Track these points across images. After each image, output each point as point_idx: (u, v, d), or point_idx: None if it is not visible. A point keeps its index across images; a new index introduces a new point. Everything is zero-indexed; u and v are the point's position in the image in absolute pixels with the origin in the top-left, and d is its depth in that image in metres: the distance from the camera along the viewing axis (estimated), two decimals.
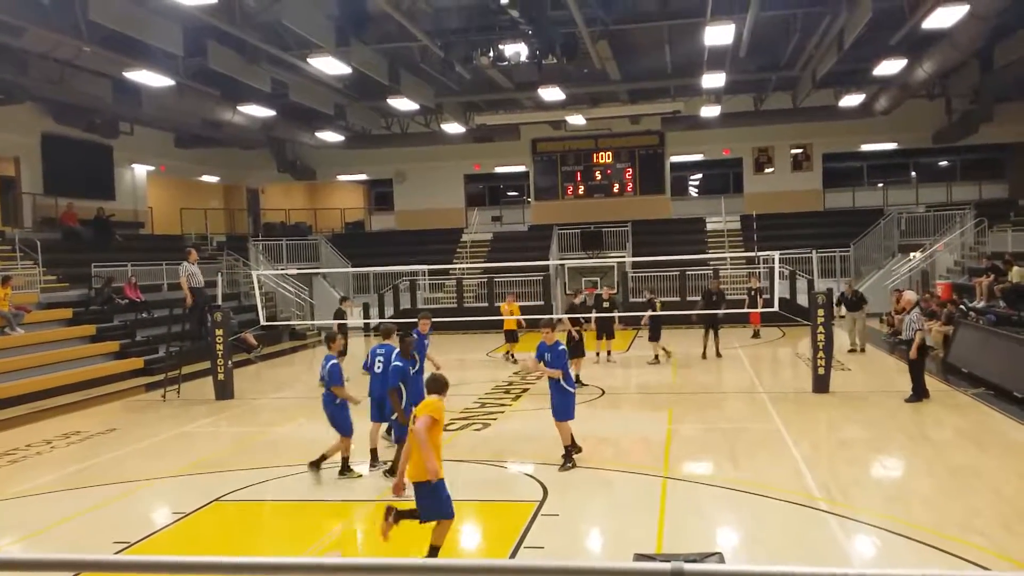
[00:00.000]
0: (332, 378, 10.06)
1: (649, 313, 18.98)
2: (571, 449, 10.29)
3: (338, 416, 10.19)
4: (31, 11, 15.48)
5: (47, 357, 18.05)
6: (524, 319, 20.22)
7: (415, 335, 11.15)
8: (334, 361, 10.19)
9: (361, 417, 10.72)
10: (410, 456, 7.05)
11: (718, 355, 19.29)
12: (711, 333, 19.44)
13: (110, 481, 10.56)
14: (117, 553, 7.74)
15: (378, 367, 10.40)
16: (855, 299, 19.93)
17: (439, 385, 7.22)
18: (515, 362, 19.63)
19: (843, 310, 20.38)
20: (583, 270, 29.51)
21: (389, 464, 10.11)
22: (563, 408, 10.25)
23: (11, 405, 15.87)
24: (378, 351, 10.53)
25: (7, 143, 24.30)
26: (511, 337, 20.78)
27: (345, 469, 10.24)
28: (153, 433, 13.62)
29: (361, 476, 10.28)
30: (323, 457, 10.29)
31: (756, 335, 22.73)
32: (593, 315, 18.18)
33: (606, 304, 19.06)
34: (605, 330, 19.23)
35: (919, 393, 13.65)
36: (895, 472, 10.34)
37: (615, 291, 20.86)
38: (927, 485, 9.30)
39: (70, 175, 26.03)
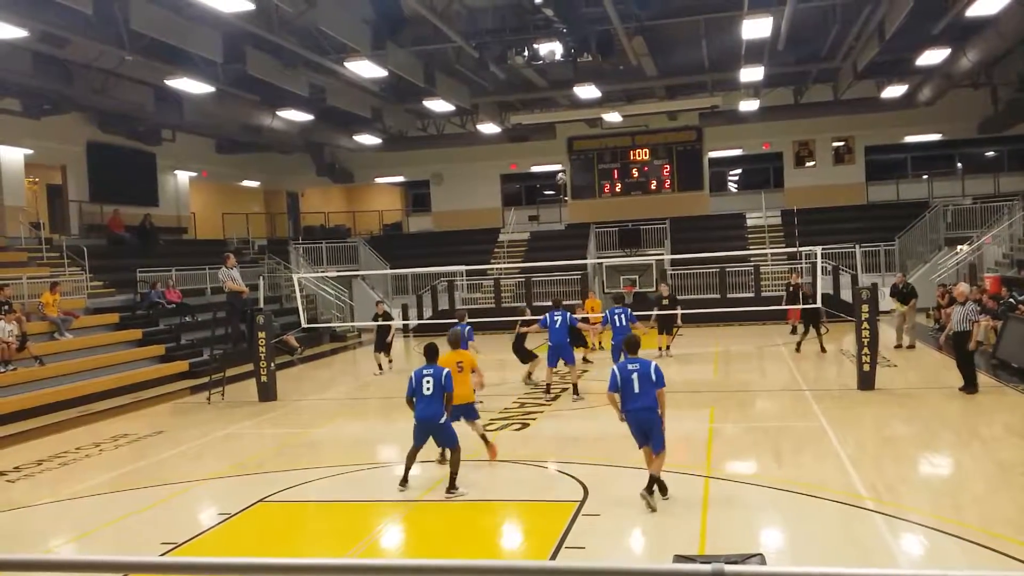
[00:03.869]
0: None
1: (655, 312, 19.09)
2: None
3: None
4: (74, 22, 15.81)
5: (95, 361, 18.43)
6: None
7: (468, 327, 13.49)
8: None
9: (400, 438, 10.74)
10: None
11: (667, 351, 19.37)
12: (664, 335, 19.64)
13: (158, 483, 10.75)
14: (165, 554, 7.88)
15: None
16: (906, 291, 19.55)
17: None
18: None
19: (893, 303, 19.99)
20: (621, 268, 29.36)
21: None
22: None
23: (61, 409, 16.20)
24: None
25: (54, 152, 24.86)
26: (582, 340, 18.36)
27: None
28: (199, 435, 13.83)
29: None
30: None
31: (794, 331, 22.42)
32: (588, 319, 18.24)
33: (665, 301, 19.33)
34: (665, 326, 19.57)
35: (973, 383, 13.38)
36: (943, 470, 10.14)
37: (670, 289, 20.56)
38: (976, 483, 9.10)
39: (115, 182, 26.55)
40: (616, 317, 15.51)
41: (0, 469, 11.94)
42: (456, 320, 15.26)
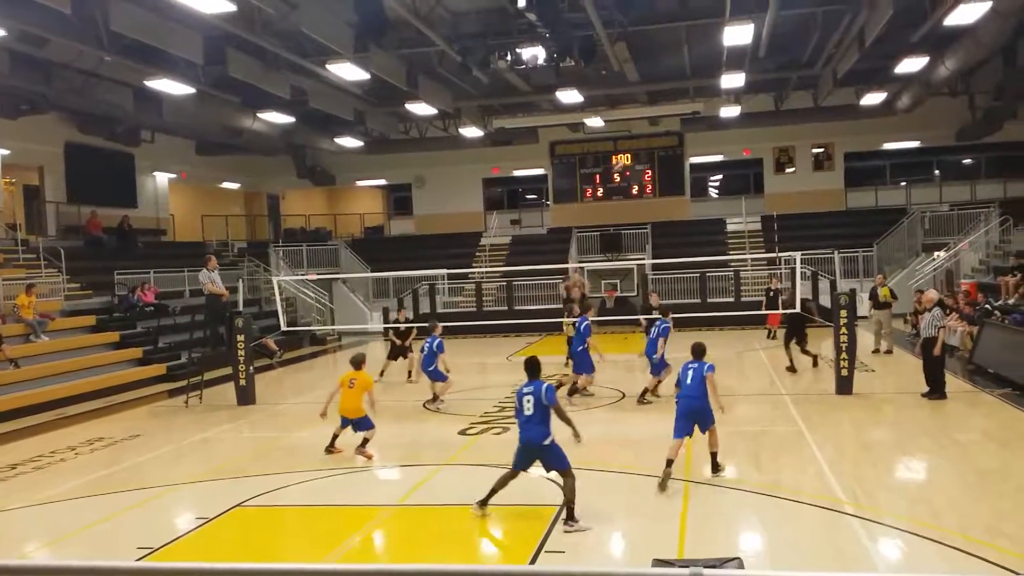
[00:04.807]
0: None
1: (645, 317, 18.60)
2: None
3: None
4: (54, 22, 15.66)
5: (71, 364, 18.24)
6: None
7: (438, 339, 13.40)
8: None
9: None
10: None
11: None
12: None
13: (134, 487, 10.64)
14: (141, 559, 7.79)
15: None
16: (883, 297, 19.68)
17: None
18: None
19: (870, 309, 20.12)
20: (603, 273, 29.44)
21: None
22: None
23: (36, 412, 16.02)
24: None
25: (31, 152, 24.61)
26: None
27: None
28: (176, 439, 13.70)
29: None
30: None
31: (772, 336, 22.52)
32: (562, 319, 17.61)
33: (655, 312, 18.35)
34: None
35: (940, 391, 13.54)
36: (921, 474, 10.22)
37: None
38: (953, 487, 9.17)
39: (93, 183, 26.32)
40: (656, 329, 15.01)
41: None
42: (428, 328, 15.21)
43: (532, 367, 8.89)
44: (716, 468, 9.76)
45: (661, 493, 9.08)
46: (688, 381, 9.66)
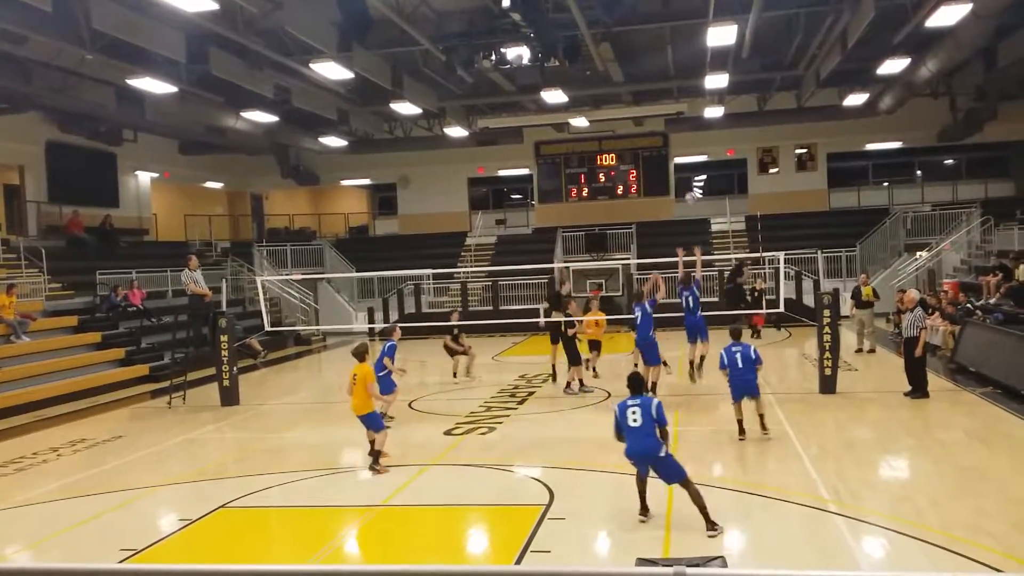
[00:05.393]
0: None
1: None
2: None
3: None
4: (33, 19, 15.50)
5: (53, 365, 18.08)
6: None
7: (392, 343, 13.43)
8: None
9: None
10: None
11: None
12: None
13: (116, 488, 10.56)
14: (124, 560, 7.74)
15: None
16: (866, 297, 19.81)
17: None
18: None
19: (852, 308, 20.24)
20: (588, 272, 29.48)
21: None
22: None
23: (17, 413, 15.88)
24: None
25: (11, 151, 24.37)
26: (595, 345, 17.21)
27: None
28: (159, 440, 13.61)
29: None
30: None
31: (757, 335, 22.62)
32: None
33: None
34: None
35: (923, 390, 13.66)
36: (903, 473, 10.29)
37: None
38: (936, 486, 9.24)
39: (74, 183, 26.10)
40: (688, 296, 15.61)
41: None
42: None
43: (637, 383, 8.64)
44: (764, 427, 11.54)
45: (741, 440, 11.29)
46: (740, 364, 11.33)
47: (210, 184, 34.91)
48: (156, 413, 16.26)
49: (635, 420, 8.17)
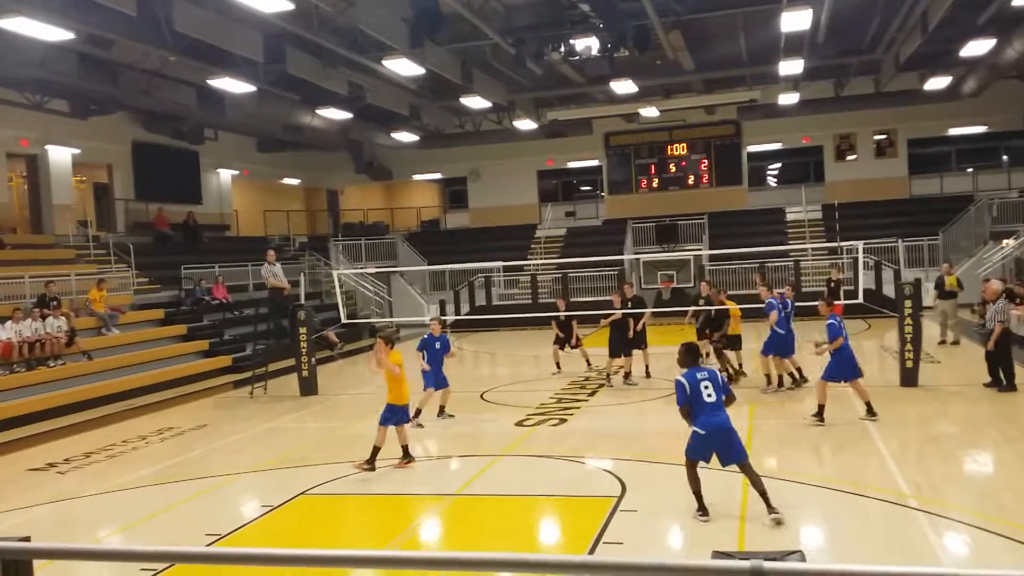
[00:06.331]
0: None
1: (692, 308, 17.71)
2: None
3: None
4: (119, 24, 16.13)
5: (141, 356, 18.80)
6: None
7: (428, 336, 13.37)
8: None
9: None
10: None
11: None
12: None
13: (202, 475, 10.97)
14: (209, 544, 8.04)
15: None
16: (950, 287, 19.18)
17: None
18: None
19: (935, 299, 19.61)
20: (658, 264, 29.24)
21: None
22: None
23: (108, 402, 16.56)
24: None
25: (101, 151, 25.40)
26: (736, 343, 15.78)
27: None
28: (242, 428, 14.07)
29: None
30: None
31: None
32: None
33: (701, 302, 16.93)
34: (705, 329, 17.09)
35: (1011, 383, 13.20)
36: (988, 468, 9.98)
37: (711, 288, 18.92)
38: (1021, 481, 8.94)
39: (159, 181, 27.07)
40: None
41: (50, 461, 12.27)
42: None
43: (694, 352, 8.27)
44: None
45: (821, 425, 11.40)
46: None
47: (288, 180, 35.76)
48: (239, 402, 16.79)
49: (710, 395, 7.93)
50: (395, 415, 10.53)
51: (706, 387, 7.94)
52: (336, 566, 3.72)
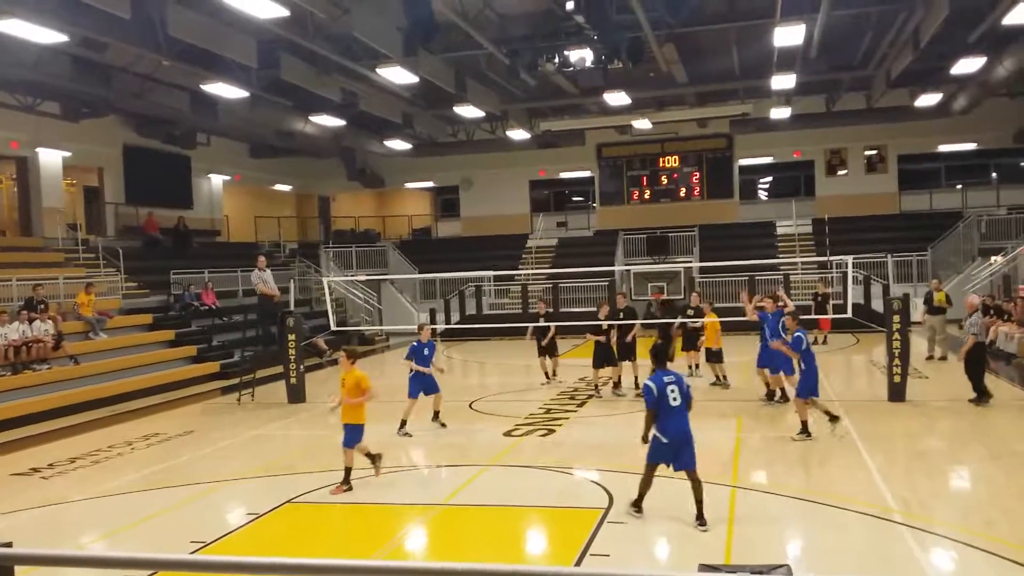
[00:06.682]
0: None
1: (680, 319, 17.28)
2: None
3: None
4: (113, 27, 16.11)
5: (128, 361, 18.72)
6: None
7: (416, 343, 13.44)
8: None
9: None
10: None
11: (696, 369, 17.41)
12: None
13: (188, 482, 10.90)
14: (194, 552, 7.99)
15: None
16: (938, 302, 19.28)
17: None
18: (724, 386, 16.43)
19: (923, 314, 19.71)
20: (649, 276, 29.29)
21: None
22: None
23: (94, 407, 16.48)
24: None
25: (92, 154, 25.31)
26: (716, 357, 16.29)
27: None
28: (229, 435, 14.00)
29: None
30: None
31: (823, 341, 22.16)
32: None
33: (690, 313, 17.12)
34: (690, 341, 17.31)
35: (981, 393, 13.33)
36: (975, 484, 10.00)
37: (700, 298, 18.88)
38: (1009, 498, 8.97)
39: (150, 185, 26.98)
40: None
41: (35, 466, 12.17)
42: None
43: (663, 353, 8.39)
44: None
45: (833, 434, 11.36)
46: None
47: (279, 186, 35.72)
48: (226, 409, 16.71)
49: (675, 399, 8.08)
50: (357, 435, 10.15)
51: (672, 391, 8.13)
52: (322, 575, 3.70)
